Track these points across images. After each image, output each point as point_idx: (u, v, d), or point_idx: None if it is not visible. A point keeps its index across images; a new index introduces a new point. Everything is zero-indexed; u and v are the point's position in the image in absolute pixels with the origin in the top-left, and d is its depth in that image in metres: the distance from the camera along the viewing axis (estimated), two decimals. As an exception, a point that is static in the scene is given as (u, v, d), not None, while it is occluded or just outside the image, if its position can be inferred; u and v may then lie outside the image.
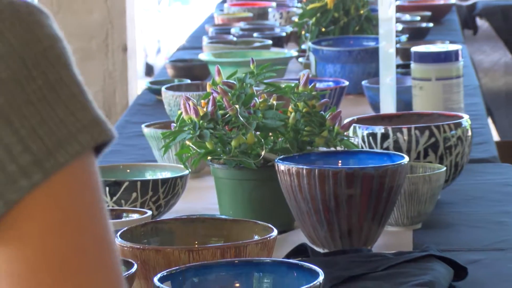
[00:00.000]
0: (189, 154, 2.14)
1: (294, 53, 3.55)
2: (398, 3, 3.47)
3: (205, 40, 3.81)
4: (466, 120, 2.31)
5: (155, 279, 1.53)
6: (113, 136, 0.88)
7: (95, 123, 0.87)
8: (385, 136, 2.25)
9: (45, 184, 0.84)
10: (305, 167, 1.96)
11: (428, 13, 4.45)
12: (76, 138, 0.85)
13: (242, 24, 4.15)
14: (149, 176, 2.22)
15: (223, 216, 2.06)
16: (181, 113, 2.17)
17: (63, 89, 0.86)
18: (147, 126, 2.53)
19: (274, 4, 4.65)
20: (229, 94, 2.15)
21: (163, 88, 2.92)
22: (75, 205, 0.87)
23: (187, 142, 2.14)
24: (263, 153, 2.09)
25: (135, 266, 1.64)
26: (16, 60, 0.85)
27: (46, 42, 0.87)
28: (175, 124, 2.19)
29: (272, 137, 2.12)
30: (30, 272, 0.84)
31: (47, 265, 0.85)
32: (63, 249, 0.85)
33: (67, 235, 0.86)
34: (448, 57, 2.72)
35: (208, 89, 2.21)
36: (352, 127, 2.26)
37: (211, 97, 2.15)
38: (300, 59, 3.55)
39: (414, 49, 2.79)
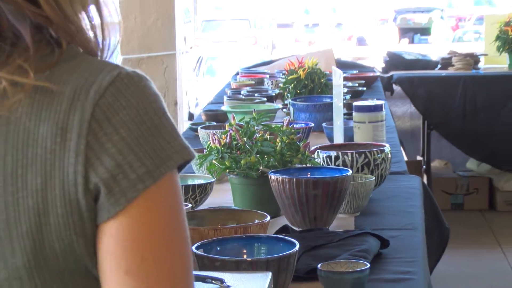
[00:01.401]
0: (214, 169, 2.13)
1: (280, 106, 3.55)
2: (344, 75, 3.47)
3: (225, 98, 3.81)
4: (387, 148, 2.30)
5: (193, 248, 1.52)
6: (193, 156, 0.90)
7: (182, 148, 0.89)
8: (337, 158, 2.24)
9: (153, 186, 0.86)
10: (287, 177, 1.94)
11: (363, 81, 4.45)
12: (171, 158, 0.87)
13: (248, 88, 4.15)
14: (190, 182, 2.21)
15: (236, 207, 2.05)
16: (210, 143, 2.17)
17: (162, 128, 0.88)
18: (189, 151, 2.51)
19: (267, 76, 4.65)
20: (240, 131, 2.14)
21: (199, 128, 2.91)
22: (171, 199, 0.88)
23: (214, 161, 2.13)
24: (261, 168, 2.08)
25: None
26: (133, 110, 0.86)
27: (151, 98, 0.88)
28: (206, 150, 2.19)
29: (266, 158, 2.11)
30: (138, 235, 0.86)
31: (150, 232, 0.87)
32: (161, 224, 0.87)
33: (165, 216, 0.87)
34: (376, 108, 2.72)
35: (227, 128, 2.20)
36: (316, 152, 2.25)
37: (228, 133, 2.14)
38: (284, 110, 3.55)
39: (355, 103, 2.78)
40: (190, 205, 2.01)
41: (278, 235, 1.72)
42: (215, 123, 3.19)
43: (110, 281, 0.86)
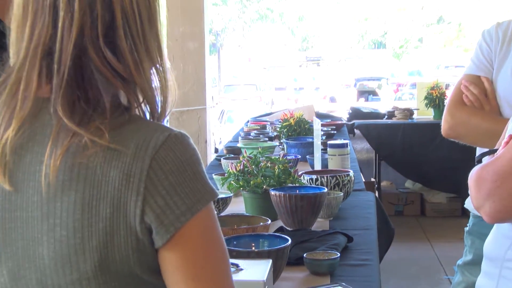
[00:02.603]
0: (232, 187, 2.12)
1: (277, 144, 3.54)
2: (321, 123, 3.46)
3: (240, 138, 3.80)
4: (351, 173, 2.29)
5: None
6: (217, 195, 0.87)
7: (210, 189, 0.87)
8: (316, 179, 2.22)
9: (192, 219, 0.84)
10: (282, 193, 1.93)
11: (334, 127, 4.43)
12: (204, 197, 0.85)
13: (255, 131, 4.14)
14: (215, 196, 2.19)
15: (247, 214, 2.03)
16: (229, 169, 2.15)
17: (198, 175, 0.86)
18: (215, 174, 2.50)
19: (269, 123, 4.64)
20: (250, 161, 2.13)
21: (222, 159, 2.90)
22: (208, 224, 0.86)
23: (232, 182, 2.12)
24: (264, 186, 2.06)
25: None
26: (179, 161, 0.84)
27: (191, 152, 0.86)
28: (226, 174, 2.17)
29: (268, 180, 2.09)
30: (187, 263, 0.84)
31: (196, 259, 0.84)
32: (204, 250, 0.85)
33: (205, 243, 0.85)
34: (343, 146, 2.70)
35: (241, 159, 2.19)
36: (302, 176, 2.24)
37: (242, 162, 2.13)
38: (280, 146, 3.54)
39: (329, 142, 2.77)
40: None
41: (276, 233, 1.70)
42: (232, 155, 3.18)
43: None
